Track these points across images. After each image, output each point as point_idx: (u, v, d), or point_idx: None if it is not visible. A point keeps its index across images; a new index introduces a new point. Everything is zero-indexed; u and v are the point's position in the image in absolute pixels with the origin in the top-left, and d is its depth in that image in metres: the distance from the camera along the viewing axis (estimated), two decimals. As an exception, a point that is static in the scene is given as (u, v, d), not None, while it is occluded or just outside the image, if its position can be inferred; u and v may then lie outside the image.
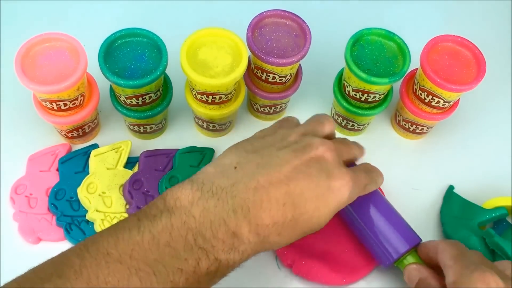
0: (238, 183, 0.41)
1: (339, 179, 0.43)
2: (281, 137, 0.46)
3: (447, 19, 0.72)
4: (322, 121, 0.48)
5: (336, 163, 0.44)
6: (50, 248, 0.53)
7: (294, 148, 0.44)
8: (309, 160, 0.43)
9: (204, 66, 0.51)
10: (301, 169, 0.42)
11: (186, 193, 0.40)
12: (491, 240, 0.52)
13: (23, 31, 0.56)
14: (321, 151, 0.44)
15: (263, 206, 0.40)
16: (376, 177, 0.49)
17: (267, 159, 0.43)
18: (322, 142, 0.45)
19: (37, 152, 0.57)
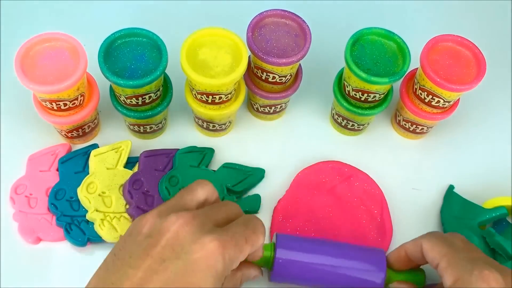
0: None
1: (202, 255, 0.39)
2: (136, 233, 0.41)
3: (447, 19, 0.72)
4: (192, 187, 0.45)
5: (195, 235, 0.39)
6: (50, 248, 0.53)
7: (147, 244, 0.40)
8: (162, 252, 0.39)
9: (204, 66, 0.51)
10: (154, 268, 0.38)
11: None
12: (492, 240, 0.52)
13: (23, 31, 0.56)
14: (174, 231, 0.40)
15: None
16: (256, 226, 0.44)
17: (120, 272, 0.39)
18: (175, 218, 0.40)
19: (37, 152, 0.57)
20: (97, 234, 0.52)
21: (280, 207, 0.56)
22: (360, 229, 0.55)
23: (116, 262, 0.40)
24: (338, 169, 0.58)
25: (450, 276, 0.43)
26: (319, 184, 0.57)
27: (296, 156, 0.60)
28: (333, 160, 0.59)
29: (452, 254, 0.44)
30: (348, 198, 0.57)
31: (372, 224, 0.56)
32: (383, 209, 0.56)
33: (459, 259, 0.44)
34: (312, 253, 0.48)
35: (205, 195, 0.45)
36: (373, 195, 0.57)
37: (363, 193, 0.57)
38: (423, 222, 0.57)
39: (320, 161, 0.59)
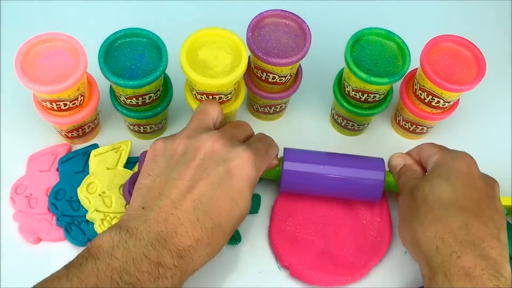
0: (149, 219, 0.43)
1: (236, 160, 0.45)
2: (170, 153, 0.46)
3: (447, 19, 0.72)
4: (204, 109, 0.50)
5: (228, 147, 0.45)
6: (50, 248, 0.53)
7: (185, 159, 0.45)
8: (202, 163, 0.45)
9: (204, 66, 0.51)
10: (198, 175, 0.44)
11: (106, 240, 0.41)
12: (491, 240, 0.52)
13: (23, 31, 0.56)
14: (209, 145, 0.45)
15: (178, 232, 0.42)
16: (270, 140, 0.51)
17: (165, 186, 0.44)
18: (207, 136, 0.46)
19: (37, 152, 0.57)
20: (97, 234, 0.52)
21: (279, 205, 0.56)
22: (360, 229, 0.55)
23: (157, 179, 0.45)
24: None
25: (437, 155, 0.50)
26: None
27: (296, 156, 0.60)
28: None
29: (443, 148, 0.51)
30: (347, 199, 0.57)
31: (372, 224, 0.56)
32: (383, 209, 0.56)
33: (447, 149, 0.51)
34: (316, 163, 0.54)
35: (217, 113, 0.50)
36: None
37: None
38: (423, 222, 0.57)
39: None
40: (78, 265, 0.40)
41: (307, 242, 0.54)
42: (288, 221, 0.55)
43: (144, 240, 0.41)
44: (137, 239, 0.41)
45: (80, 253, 0.42)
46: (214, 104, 0.50)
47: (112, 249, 0.41)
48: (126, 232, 0.42)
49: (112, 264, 0.40)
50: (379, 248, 0.54)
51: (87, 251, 0.41)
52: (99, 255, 0.41)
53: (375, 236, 0.55)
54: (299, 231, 0.55)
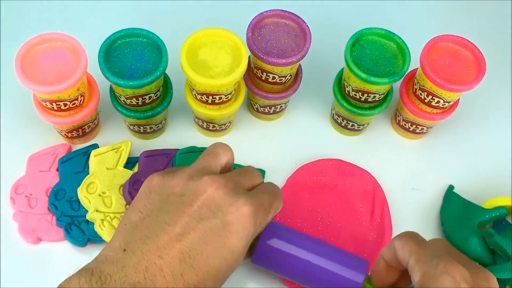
0: (127, 266, 0.38)
1: (238, 217, 0.40)
2: (166, 192, 0.42)
3: (447, 19, 0.72)
4: (215, 152, 0.46)
5: (230, 197, 0.41)
6: (50, 248, 0.53)
7: (182, 202, 0.41)
8: (199, 211, 0.40)
9: (204, 66, 0.51)
10: (192, 225, 0.40)
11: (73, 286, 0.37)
12: (491, 240, 0.52)
13: (23, 31, 0.56)
14: (211, 192, 0.41)
15: (157, 284, 0.37)
16: (277, 192, 0.45)
17: (154, 228, 0.40)
18: (210, 181, 0.41)
19: (37, 152, 0.57)
20: (97, 234, 0.52)
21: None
22: (359, 230, 0.55)
23: (147, 219, 0.41)
24: (339, 166, 0.58)
25: (417, 272, 0.40)
26: (319, 182, 0.57)
27: (296, 157, 0.60)
28: (333, 158, 0.59)
29: (420, 251, 0.42)
30: (348, 198, 0.57)
31: (372, 225, 0.56)
32: (383, 209, 0.56)
33: (426, 255, 0.41)
34: (296, 245, 0.47)
35: (227, 159, 0.46)
36: (374, 195, 0.57)
37: (363, 192, 0.57)
38: (423, 222, 0.57)
39: (320, 159, 0.59)
40: None
41: None
42: (286, 223, 0.55)
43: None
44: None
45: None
46: (226, 149, 0.46)
47: None
48: (98, 280, 0.37)
49: None
50: (379, 250, 0.54)
51: None
52: None
53: (375, 237, 0.55)
54: None
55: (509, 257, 0.52)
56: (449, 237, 0.55)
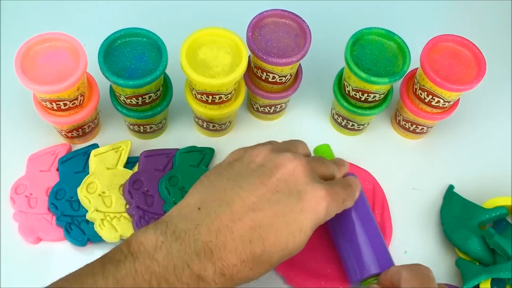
0: (201, 225, 0.40)
1: (312, 198, 0.41)
2: (248, 160, 0.44)
3: (447, 19, 0.72)
4: (295, 143, 0.47)
5: (308, 178, 0.42)
6: (50, 248, 0.53)
7: (261, 172, 0.42)
8: (276, 184, 0.41)
9: (204, 66, 0.51)
10: (267, 197, 0.41)
11: (149, 238, 0.39)
12: (491, 240, 0.52)
13: (23, 31, 0.56)
14: (291, 168, 0.42)
15: (227, 246, 0.39)
16: (353, 192, 0.47)
17: (231, 192, 0.41)
18: (292, 157, 0.43)
19: (37, 152, 0.57)
20: (97, 234, 0.52)
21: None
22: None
23: (225, 182, 0.42)
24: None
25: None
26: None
27: (296, 156, 0.60)
28: (333, 160, 0.59)
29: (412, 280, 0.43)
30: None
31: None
32: (383, 209, 0.56)
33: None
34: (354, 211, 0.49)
35: (303, 151, 0.47)
36: (374, 194, 0.57)
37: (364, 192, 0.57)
38: (423, 222, 0.57)
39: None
40: (115, 261, 0.38)
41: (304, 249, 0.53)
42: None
43: (190, 246, 0.39)
44: (183, 245, 0.39)
45: (118, 246, 0.40)
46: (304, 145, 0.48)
47: (154, 250, 0.38)
48: (173, 234, 0.39)
49: (151, 267, 0.38)
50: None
51: (127, 246, 0.39)
52: (139, 254, 0.38)
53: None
54: None
55: (509, 257, 0.52)
56: (449, 237, 0.55)
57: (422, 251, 0.56)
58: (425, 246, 0.56)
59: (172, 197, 0.54)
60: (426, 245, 0.56)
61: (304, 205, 0.41)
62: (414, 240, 0.56)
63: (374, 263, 0.49)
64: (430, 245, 0.56)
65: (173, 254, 0.38)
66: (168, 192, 0.54)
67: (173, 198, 0.54)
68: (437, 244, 0.56)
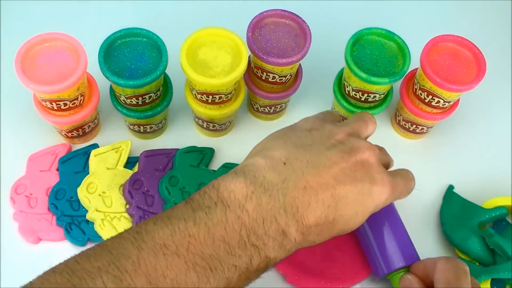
0: (288, 180, 0.40)
1: (380, 185, 0.44)
2: (328, 134, 0.45)
3: (447, 19, 0.72)
4: (366, 121, 0.49)
5: (379, 168, 0.45)
6: (50, 248, 0.53)
7: (342, 149, 0.44)
8: (355, 164, 0.43)
9: (204, 66, 0.51)
10: (347, 172, 0.43)
11: (240, 186, 0.39)
12: (491, 240, 0.52)
13: (23, 31, 0.56)
14: (367, 156, 0.44)
15: (311, 206, 0.40)
16: (410, 186, 0.49)
17: (315, 157, 0.42)
18: (368, 146, 0.45)
19: (37, 152, 0.57)
20: (97, 234, 0.52)
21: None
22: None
23: (308, 146, 0.43)
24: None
25: None
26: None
27: (296, 156, 0.60)
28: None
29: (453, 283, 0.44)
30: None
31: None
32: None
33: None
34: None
35: (372, 131, 0.49)
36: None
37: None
38: (423, 222, 0.57)
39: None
40: (206, 208, 0.38)
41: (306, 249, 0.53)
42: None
43: (279, 201, 0.39)
44: (272, 197, 0.39)
45: (203, 190, 0.40)
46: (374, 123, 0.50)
47: (244, 199, 0.39)
48: (261, 185, 0.39)
49: (242, 217, 0.38)
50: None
51: (215, 192, 0.39)
52: (230, 202, 0.38)
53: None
54: None
55: (509, 257, 0.52)
56: (449, 237, 0.55)
57: (422, 251, 0.55)
58: (425, 246, 0.56)
59: (172, 197, 0.54)
60: (426, 245, 0.56)
61: (373, 190, 0.43)
62: (414, 240, 0.56)
63: (400, 257, 0.50)
64: (430, 245, 0.56)
65: (262, 206, 0.39)
66: (168, 192, 0.54)
67: (173, 198, 0.54)
68: (437, 244, 0.56)
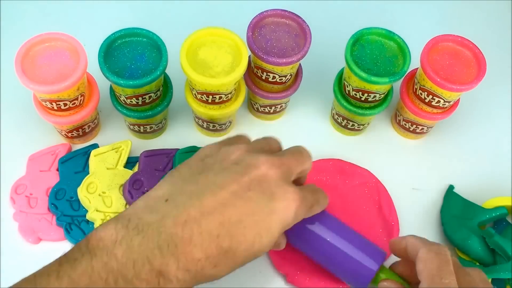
0: (167, 217, 0.38)
1: (283, 200, 0.41)
2: (222, 157, 0.43)
3: (447, 19, 0.72)
4: (269, 141, 0.47)
5: (281, 181, 0.41)
6: (50, 248, 0.53)
7: (234, 170, 0.41)
8: (249, 183, 0.40)
9: (204, 66, 0.51)
10: (239, 194, 0.40)
11: (109, 232, 0.37)
12: (491, 240, 0.52)
13: (23, 31, 0.56)
14: (264, 170, 0.41)
15: (193, 240, 0.38)
16: (322, 199, 0.46)
17: (202, 186, 0.40)
18: (265, 159, 0.42)
19: (37, 152, 0.57)
20: (97, 234, 0.52)
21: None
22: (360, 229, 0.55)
23: (197, 176, 0.41)
24: (339, 166, 0.58)
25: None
26: (319, 182, 0.57)
27: (296, 156, 0.60)
28: (333, 158, 0.59)
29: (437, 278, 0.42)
30: (349, 197, 0.57)
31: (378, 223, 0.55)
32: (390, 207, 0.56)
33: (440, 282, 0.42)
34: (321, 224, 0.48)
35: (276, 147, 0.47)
36: (379, 194, 0.57)
37: (366, 191, 0.57)
38: (423, 222, 0.57)
39: (320, 159, 0.59)
40: (72, 260, 0.37)
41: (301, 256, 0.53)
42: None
43: (153, 240, 0.37)
44: (145, 238, 0.37)
45: (78, 243, 0.38)
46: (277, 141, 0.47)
47: (113, 245, 0.37)
48: (135, 227, 0.38)
49: (109, 264, 0.36)
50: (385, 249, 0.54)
51: (86, 243, 0.38)
52: (97, 250, 0.37)
53: (380, 236, 0.55)
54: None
55: (509, 257, 0.52)
56: (449, 237, 0.55)
57: (422, 251, 0.56)
58: (425, 246, 0.56)
59: (172, 197, 0.54)
60: (426, 245, 0.56)
61: (275, 206, 0.41)
62: (414, 240, 0.56)
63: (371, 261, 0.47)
64: (430, 245, 0.56)
65: (133, 248, 0.37)
66: (168, 192, 0.54)
67: (173, 198, 0.54)
68: (437, 244, 0.56)
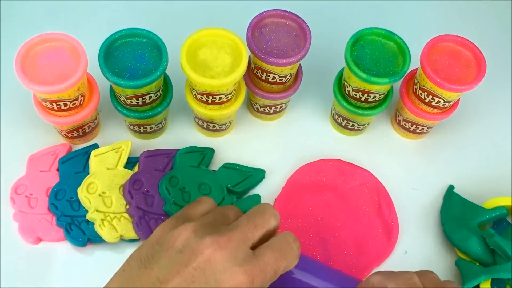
0: None
1: (230, 282, 0.38)
2: (168, 243, 0.41)
3: (447, 19, 0.72)
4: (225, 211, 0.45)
5: (228, 262, 0.39)
6: (50, 248, 0.53)
7: (178, 260, 0.39)
8: (193, 274, 0.39)
9: (204, 66, 0.51)
10: (184, 286, 0.38)
11: None
12: (491, 240, 0.52)
13: (23, 31, 0.56)
14: (208, 255, 0.39)
15: None
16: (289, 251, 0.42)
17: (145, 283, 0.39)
18: (211, 241, 0.39)
19: (37, 152, 0.57)
20: (97, 234, 0.52)
21: (277, 207, 0.56)
22: (360, 229, 0.55)
23: (143, 270, 0.40)
24: (339, 166, 0.58)
25: None
26: (319, 182, 0.57)
27: (296, 157, 0.60)
28: (333, 158, 0.59)
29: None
30: (348, 197, 0.57)
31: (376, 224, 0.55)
32: (390, 207, 0.56)
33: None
34: None
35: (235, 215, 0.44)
36: (379, 194, 0.57)
37: (366, 191, 0.57)
38: (423, 222, 0.57)
39: (320, 159, 0.59)
40: None
41: (305, 246, 0.54)
42: (286, 223, 0.55)
43: None
44: None
45: None
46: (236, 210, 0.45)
47: None
48: None
49: None
50: (384, 249, 0.54)
51: None
52: None
53: (380, 236, 0.55)
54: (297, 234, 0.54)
55: (509, 257, 0.52)
56: (449, 237, 0.55)
57: (422, 251, 0.56)
58: (425, 246, 0.56)
59: (172, 197, 0.54)
60: (426, 245, 0.56)
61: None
62: (414, 240, 0.56)
63: None
64: (430, 245, 0.56)
65: None
66: (168, 192, 0.54)
67: (173, 198, 0.54)
68: (437, 244, 0.56)
